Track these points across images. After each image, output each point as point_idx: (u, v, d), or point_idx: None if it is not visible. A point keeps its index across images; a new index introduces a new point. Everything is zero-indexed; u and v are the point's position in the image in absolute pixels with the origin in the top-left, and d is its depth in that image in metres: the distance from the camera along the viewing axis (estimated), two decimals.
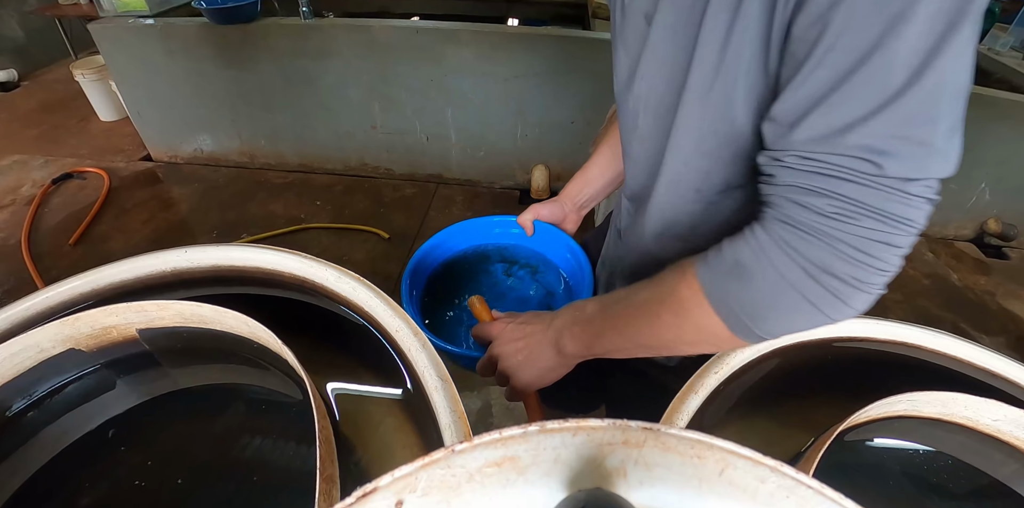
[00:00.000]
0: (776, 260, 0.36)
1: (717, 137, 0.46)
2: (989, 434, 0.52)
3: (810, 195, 0.34)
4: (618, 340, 0.47)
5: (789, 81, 0.36)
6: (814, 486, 0.17)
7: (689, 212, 0.55)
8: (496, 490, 0.19)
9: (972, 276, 1.99)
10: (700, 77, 0.43)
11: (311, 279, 0.58)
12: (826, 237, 0.34)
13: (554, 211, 0.80)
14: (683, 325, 0.41)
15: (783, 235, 0.35)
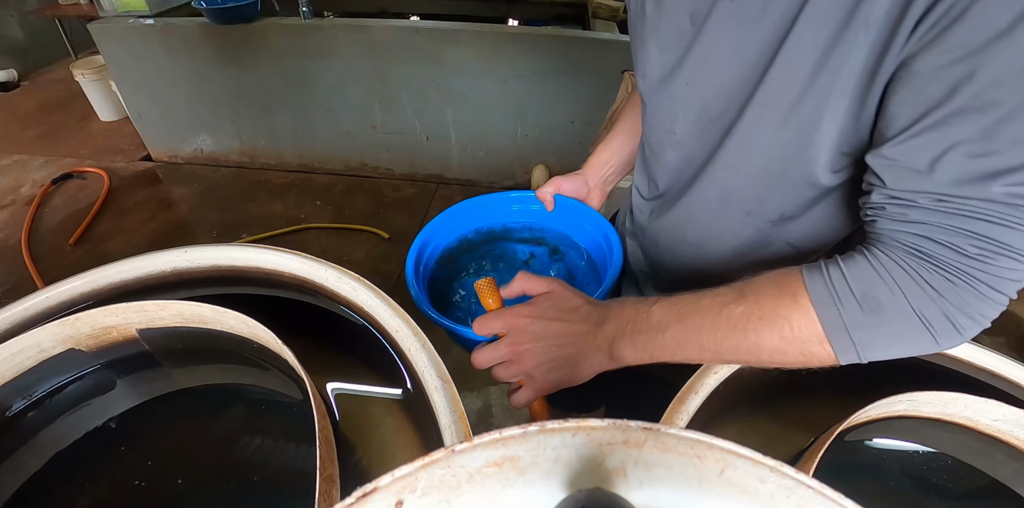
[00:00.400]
0: (916, 300, 0.36)
1: (786, 162, 0.45)
2: (989, 434, 0.52)
3: (952, 235, 0.34)
4: (696, 353, 0.43)
5: (916, 120, 0.34)
6: (814, 486, 0.17)
7: (736, 234, 0.55)
8: (496, 490, 0.19)
9: None
10: (778, 96, 0.42)
11: (311, 279, 0.58)
12: (970, 279, 0.35)
13: (577, 185, 0.73)
14: (787, 348, 0.40)
15: (924, 275, 0.36)
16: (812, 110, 0.41)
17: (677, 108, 0.52)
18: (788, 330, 0.39)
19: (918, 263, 0.36)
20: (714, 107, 0.48)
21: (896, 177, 0.36)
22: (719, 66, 0.46)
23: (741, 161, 0.49)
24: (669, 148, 0.57)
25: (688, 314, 0.43)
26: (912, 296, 0.36)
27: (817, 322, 0.38)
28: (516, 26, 2.64)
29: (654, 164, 0.62)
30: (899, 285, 0.36)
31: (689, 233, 0.61)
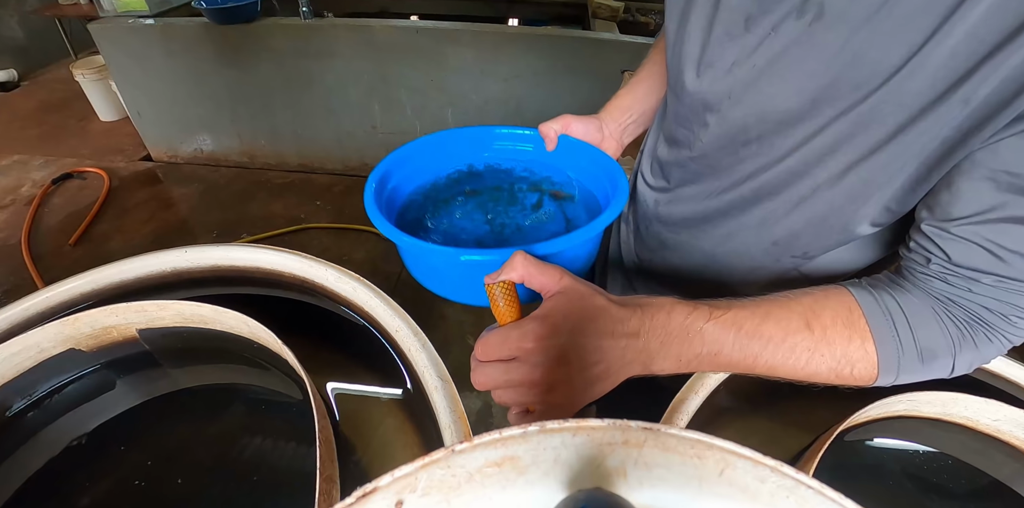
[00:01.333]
0: (963, 357, 0.40)
1: (832, 212, 0.44)
2: (989, 434, 0.52)
3: (1009, 309, 0.38)
4: (738, 369, 0.42)
5: (993, 207, 0.35)
6: (814, 486, 0.17)
7: (755, 257, 0.54)
8: (496, 490, 0.19)
9: None
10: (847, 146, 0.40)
11: (311, 279, 0.58)
12: (1004, 341, 0.39)
13: (590, 129, 0.62)
14: (835, 380, 0.42)
15: (976, 339, 0.39)
16: (880, 168, 0.39)
17: (707, 114, 0.49)
18: (849, 371, 0.41)
19: (975, 328, 0.39)
20: (754, 130, 0.45)
21: (963, 254, 0.37)
22: (777, 93, 0.42)
23: (782, 203, 0.47)
24: (687, 150, 0.54)
25: (749, 339, 0.39)
26: (961, 354, 0.40)
27: (876, 366, 0.40)
28: (516, 26, 2.64)
29: (667, 155, 0.58)
30: (955, 345, 0.39)
31: (704, 241, 0.58)
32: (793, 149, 0.44)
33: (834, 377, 0.41)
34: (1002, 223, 0.34)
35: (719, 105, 0.48)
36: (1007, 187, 0.34)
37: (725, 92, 0.46)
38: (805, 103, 0.41)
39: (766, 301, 0.41)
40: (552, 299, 0.37)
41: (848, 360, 0.40)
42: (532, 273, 0.37)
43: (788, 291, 0.43)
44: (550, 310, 0.36)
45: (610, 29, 2.14)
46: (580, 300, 0.36)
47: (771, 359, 0.40)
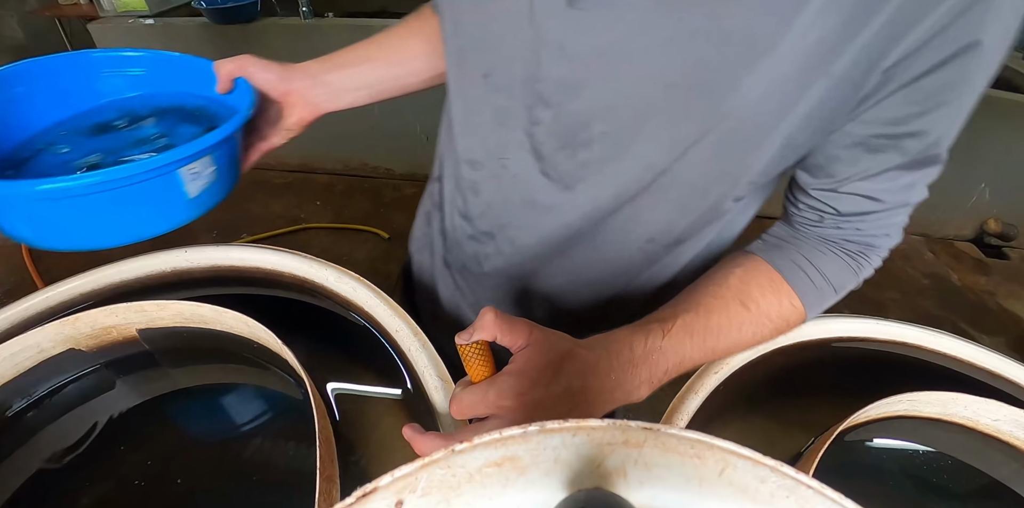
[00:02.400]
0: (864, 274, 0.48)
1: (706, 193, 0.45)
2: (989, 434, 0.52)
3: (893, 230, 0.46)
4: (707, 362, 0.49)
5: (876, 168, 0.41)
6: (814, 486, 0.17)
7: (629, 264, 0.52)
8: (496, 490, 0.19)
9: (972, 276, 1.99)
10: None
11: (311, 279, 0.58)
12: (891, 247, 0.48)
13: (270, 77, 0.55)
14: (780, 334, 0.48)
15: (875, 263, 0.47)
16: (750, 151, 0.40)
17: (539, 109, 0.43)
18: (786, 326, 0.47)
19: (868, 252, 0.47)
20: (597, 126, 0.41)
21: (851, 205, 0.43)
22: (623, 80, 0.38)
23: (645, 204, 0.46)
24: (502, 169, 0.48)
25: (703, 339, 0.42)
26: (863, 275, 0.48)
27: (804, 313, 0.47)
28: None
29: (474, 174, 0.51)
30: (857, 271, 0.47)
31: (559, 268, 0.53)
32: (648, 144, 0.40)
33: (777, 335, 0.48)
34: (876, 176, 0.40)
35: (552, 98, 0.41)
36: (876, 147, 0.39)
37: (561, 79, 0.40)
38: (659, 88, 0.37)
39: (700, 295, 0.45)
40: (523, 353, 0.36)
41: (784, 318, 0.46)
42: (504, 330, 0.36)
43: (708, 276, 0.47)
44: (523, 365, 0.35)
45: None
46: (551, 352, 0.36)
47: (726, 345, 0.44)
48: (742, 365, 0.53)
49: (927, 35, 0.32)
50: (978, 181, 2.08)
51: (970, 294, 1.89)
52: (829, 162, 0.41)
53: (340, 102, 0.61)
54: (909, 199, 0.43)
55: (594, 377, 0.36)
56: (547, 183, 0.47)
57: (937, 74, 0.34)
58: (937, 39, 0.33)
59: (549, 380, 0.35)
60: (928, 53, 0.33)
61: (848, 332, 0.58)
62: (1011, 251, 2.14)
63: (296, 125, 0.60)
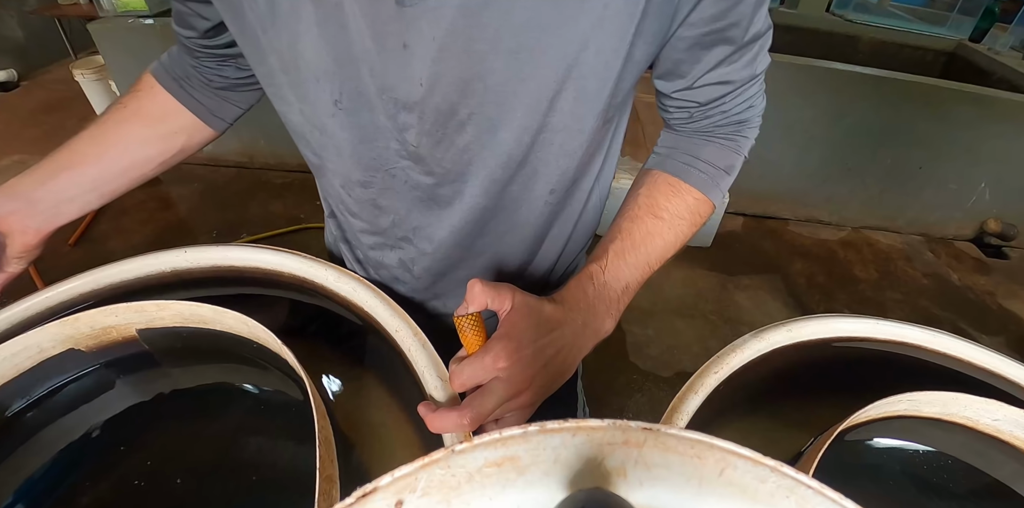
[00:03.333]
0: (744, 151, 0.55)
1: (573, 129, 0.49)
2: (989, 434, 0.52)
3: (755, 110, 0.54)
4: (649, 275, 0.51)
5: (714, 65, 0.48)
6: (814, 486, 0.17)
7: (538, 218, 0.56)
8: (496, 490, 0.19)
9: (972, 276, 1.99)
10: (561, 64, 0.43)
11: (311, 279, 0.58)
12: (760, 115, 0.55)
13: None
14: (699, 227, 0.54)
15: (751, 136, 0.55)
16: (602, 86, 0.45)
17: (403, 115, 0.44)
18: (699, 218, 0.54)
19: (741, 129, 0.54)
20: (463, 108, 0.43)
21: (708, 95, 0.50)
22: (477, 56, 0.40)
23: (543, 149, 0.49)
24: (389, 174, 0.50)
25: (636, 259, 0.49)
26: (744, 150, 0.55)
27: (709, 201, 0.54)
28: None
29: (364, 194, 0.54)
30: (739, 149, 0.54)
31: (481, 252, 0.57)
32: (515, 110, 0.44)
33: (694, 228, 0.54)
34: (718, 65, 0.47)
35: (410, 98, 0.43)
36: (709, 43, 0.45)
37: (415, 80, 0.41)
38: (506, 58, 0.40)
39: (619, 221, 0.51)
40: (508, 317, 0.41)
41: (694, 212, 0.53)
42: (492, 296, 0.41)
43: (623, 203, 0.54)
44: (510, 328, 0.40)
45: None
46: (530, 312, 0.42)
47: (658, 253, 0.50)
48: (742, 365, 0.53)
49: None
50: (978, 181, 2.09)
51: (970, 294, 1.89)
52: (676, 66, 0.48)
53: (65, 216, 0.56)
54: (755, 70, 0.49)
55: (568, 325, 0.43)
56: (436, 180, 0.50)
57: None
58: None
59: (535, 336, 0.41)
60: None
61: (848, 332, 0.58)
62: (1011, 251, 2.14)
63: (24, 252, 0.56)
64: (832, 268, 2.00)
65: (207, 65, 0.61)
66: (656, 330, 1.62)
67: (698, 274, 1.89)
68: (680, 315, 1.71)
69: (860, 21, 2.66)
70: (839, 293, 1.87)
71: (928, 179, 2.08)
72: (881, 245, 2.14)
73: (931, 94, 1.91)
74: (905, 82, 1.91)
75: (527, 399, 0.41)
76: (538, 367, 0.41)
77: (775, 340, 0.54)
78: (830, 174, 2.14)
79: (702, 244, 1.98)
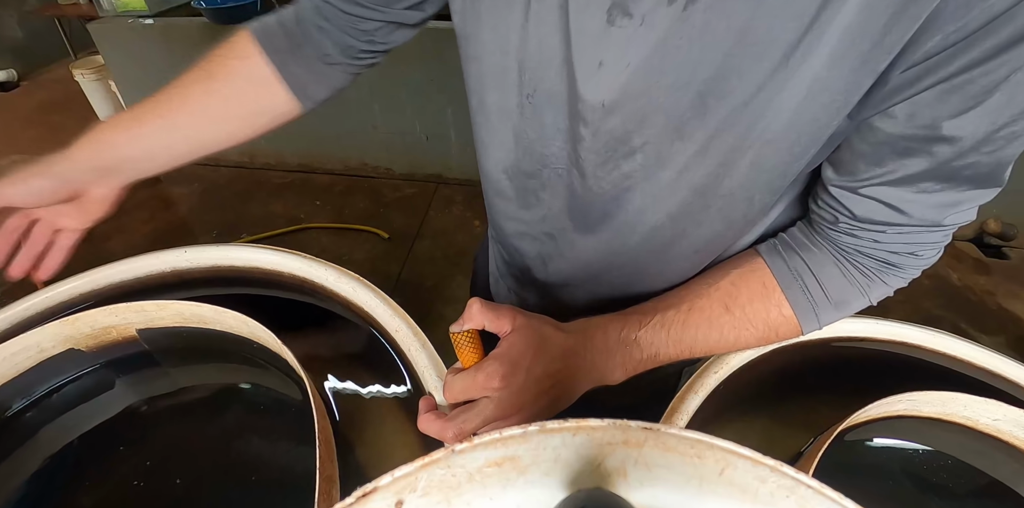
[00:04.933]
0: (875, 293, 0.45)
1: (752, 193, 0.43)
2: (989, 434, 0.52)
3: (914, 247, 0.42)
4: (684, 358, 0.46)
5: (892, 170, 0.38)
6: (814, 486, 0.17)
7: (676, 273, 0.51)
8: (496, 490, 0.20)
9: (972, 276, 1.99)
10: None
11: (311, 279, 0.58)
12: (911, 272, 0.44)
13: (33, 190, 0.49)
14: (769, 342, 0.48)
15: (885, 279, 0.44)
16: (784, 150, 0.38)
17: (579, 127, 0.42)
18: (774, 336, 0.47)
19: (884, 272, 0.44)
20: (637, 138, 0.41)
21: (868, 211, 0.40)
22: (657, 91, 0.37)
23: (693, 215, 0.44)
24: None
25: (680, 335, 0.45)
26: (876, 294, 0.45)
27: (798, 326, 0.46)
28: None
29: (531, 197, 0.52)
30: (866, 289, 0.44)
31: (617, 278, 0.54)
32: (688, 155, 0.40)
33: (764, 342, 0.47)
34: (900, 182, 0.37)
35: (590, 115, 0.41)
36: (903, 149, 0.36)
37: (598, 99, 0.40)
38: (692, 99, 0.36)
39: (688, 292, 0.46)
40: (508, 338, 0.39)
41: (770, 327, 0.46)
42: (490, 318, 0.39)
43: (706, 274, 0.48)
44: (508, 349, 0.39)
45: None
46: (533, 335, 0.39)
47: (704, 346, 0.45)
48: (742, 365, 0.53)
49: (976, 24, 0.28)
50: None
51: (970, 294, 1.89)
52: (854, 158, 0.38)
53: (131, 179, 0.55)
54: (941, 219, 0.38)
55: (572, 358, 0.41)
56: (593, 197, 0.47)
57: (980, 69, 0.30)
58: (987, 29, 0.28)
59: (531, 362, 0.38)
60: (974, 44, 0.29)
61: (848, 332, 0.58)
62: (1011, 251, 2.14)
63: (100, 208, 0.54)
64: None
65: (345, 30, 0.53)
66: None
67: None
68: None
69: None
70: None
71: None
72: None
73: None
74: None
75: (514, 424, 0.37)
76: (530, 396, 0.38)
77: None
78: None
79: None
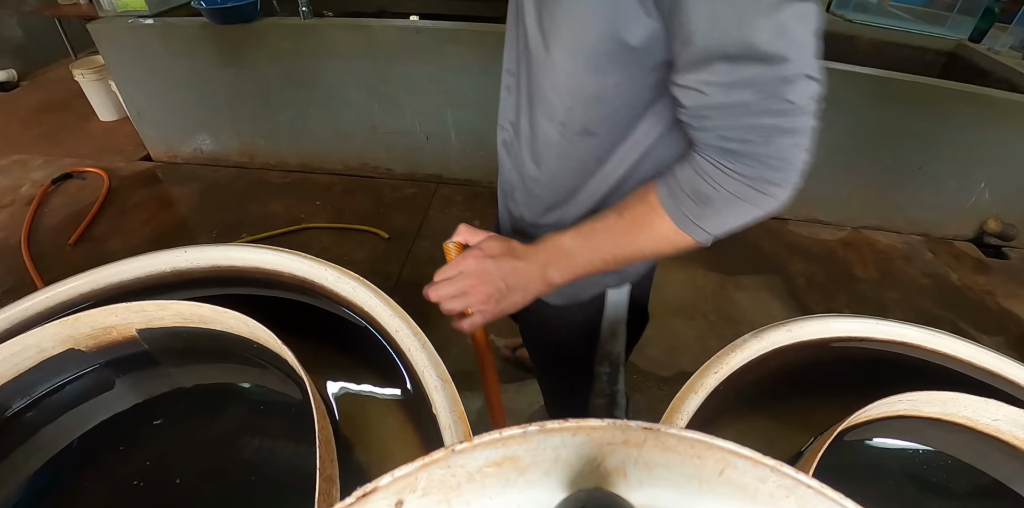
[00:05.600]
0: (728, 185, 0.48)
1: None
2: (989, 434, 0.52)
3: (741, 131, 0.46)
4: (599, 264, 0.57)
5: (694, 56, 0.45)
6: (814, 486, 0.17)
7: (556, 145, 0.61)
8: (496, 490, 0.19)
9: (972, 276, 1.99)
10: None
11: (311, 279, 0.58)
12: (761, 158, 0.46)
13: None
14: (660, 244, 0.54)
15: (729, 165, 0.47)
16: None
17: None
18: (654, 230, 0.53)
19: (723, 157, 0.47)
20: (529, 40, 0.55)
21: (687, 98, 0.47)
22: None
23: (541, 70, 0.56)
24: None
25: (588, 237, 0.56)
26: (725, 184, 0.48)
27: (670, 220, 0.51)
28: None
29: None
30: (713, 178, 0.48)
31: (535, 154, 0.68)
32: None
33: (653, 241, 0.54)
34: (696, 66, 0.44)
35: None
36: (684, 41, 0.43)
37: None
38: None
39: (598, 213, 0.56)
40: (483, 241, 0.58)
41: (650, 223, 0.53)
42: (473, 233, 0.60)
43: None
44: (479, 245, 0.57)
45: None
46: (499, 242, 0.57)
47: (610, 246, 0.55)
48: (742, 365, 0.53)
49: None
50: (978, 181, 2.08)
51: (970, 294, 1.89)
52: (672, 55, 0.47)
53: None
54: (746, 99, 0.44)
55: (531, 262, 0.57)
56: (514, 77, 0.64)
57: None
58: None
59: (501, 253, 0.56)
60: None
61: (848, 332, 0.58)
62: (1011, 251, 2.14)
63: None
64: (832, 268, 2.00)
65: None
66: (656, 330, 1.62)
67: (698, 274, 1.89)
68: (680, 315, 1.71)
69: (860, 21, 2.65)
70: (839, 293, 1.87)
71: (928, 179, 2.08)
72: (881, 245, 2.15)
73: (931, 94, 1.91)
74: (905, 82, 1.90)
75: (480, 296, 0.55)
76: (495, 275, 0.55)
77: (775, 340, 0.54)
78: (830, 174, 2.14)
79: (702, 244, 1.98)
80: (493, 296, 0.56)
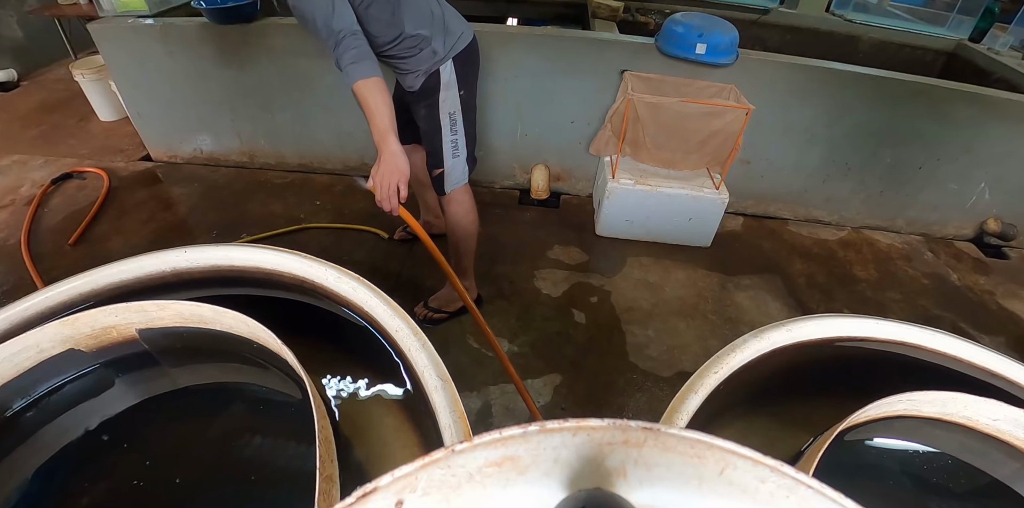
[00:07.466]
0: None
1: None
2: (989, 434, 0.52)
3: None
4: (378, 121, 1.03)
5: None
6: (814, 486, 0.17)
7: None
8: (496, 490, 0.19)
9: (972, 276, 1.99)
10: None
11: (311, 279, 0.58)
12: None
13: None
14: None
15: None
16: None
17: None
18: (368, 96, 1.00)
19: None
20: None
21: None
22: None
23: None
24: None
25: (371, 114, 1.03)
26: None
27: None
28: (516, 26, 2.64)
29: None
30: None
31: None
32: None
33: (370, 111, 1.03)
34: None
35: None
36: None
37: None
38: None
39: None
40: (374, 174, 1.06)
41: (361, 82, 1.02)
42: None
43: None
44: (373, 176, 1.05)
45: (610, 29, 2.14)
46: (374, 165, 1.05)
47: (376, 111, 1.02)
48: (742, 365, 0.53)
49: None
50: (978, 181, 2.09)
51: (970, 294, 1.89)
52: None
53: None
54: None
55: (385, 154, 1.05)
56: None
57: None
58: None
59: (380, 162, 1.06)
60: None
61: (848, 332, 0.58)
62: (1011, 251, 2.14)
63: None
64: (832, 268, 2.00)
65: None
66: (656, 330, 1.62)
67: (698, 274, 1.89)
68: (680, 315, 1.71)
69: (860, 21, 2.66)
70: (839, 293, 1.87)
71: (928, 179, 2.08)
72: (881, 245, 2.15)
73: (931, 94, 1.91)
74: (905, 82, 1.91)
75: (382, 178, 1.06)
76: (382, 170, 1.06)
77: (775, 340, 0.54)
78: (830, 174, 2.14)
79: (702, 244, 1.98)
80: (384, 177, 1.05)
